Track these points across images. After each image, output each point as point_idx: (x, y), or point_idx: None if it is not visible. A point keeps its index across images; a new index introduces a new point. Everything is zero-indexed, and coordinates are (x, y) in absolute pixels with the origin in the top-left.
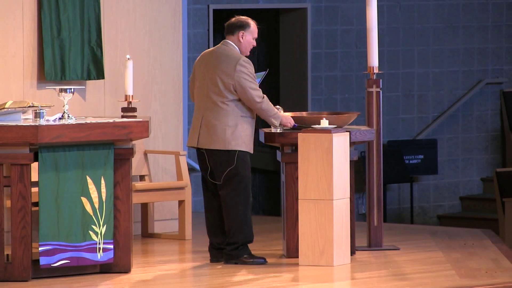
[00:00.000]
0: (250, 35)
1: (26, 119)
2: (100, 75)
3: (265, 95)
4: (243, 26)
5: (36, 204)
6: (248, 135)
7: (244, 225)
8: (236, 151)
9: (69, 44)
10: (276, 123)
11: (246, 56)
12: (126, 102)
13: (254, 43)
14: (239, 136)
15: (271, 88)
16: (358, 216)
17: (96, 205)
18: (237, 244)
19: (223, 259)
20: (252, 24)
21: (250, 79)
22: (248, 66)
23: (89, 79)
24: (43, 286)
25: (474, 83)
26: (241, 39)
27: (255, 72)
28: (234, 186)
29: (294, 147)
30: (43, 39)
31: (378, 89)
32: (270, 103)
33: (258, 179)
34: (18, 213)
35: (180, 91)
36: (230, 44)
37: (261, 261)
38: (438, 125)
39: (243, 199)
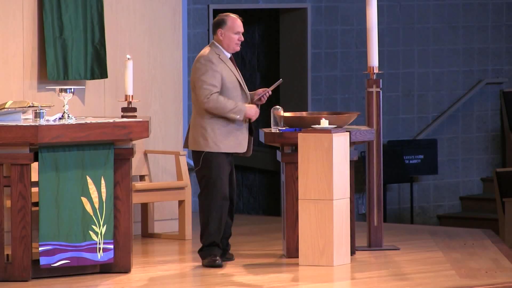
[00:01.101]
0: (229, 31)
1: (26, 119)
2: (103, 74)
3: (215, 93)
4: (220, 23)
5: (36, 204)
6: (222, 135)
7: (206, 227)
8: (202, 152)
9: (72, 44)
10: (239, 117)
11: (236, 52)
12: (126, 102)
13: (239, 38)
14: (209, 137)
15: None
16: (358, 216)
17: (96, 205)
18: (202, 246)
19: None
20: (230, 19)
21: (203, 77)
22: (205, 64)
23: (93, 78)
24: (43, 286)
25: (474, 83)
26: (220, 37)
27: (273, 83)
28: (201, 188)
29: (294, 147)
30: (45, 39)
31: (378, 89)
32: (223, 99)
33: (258, 179)
34: (18, 213)
35: (180, 91)
36: (214, 43)
37: (215, 264)
38: (438, 125)
39: (208, 202)
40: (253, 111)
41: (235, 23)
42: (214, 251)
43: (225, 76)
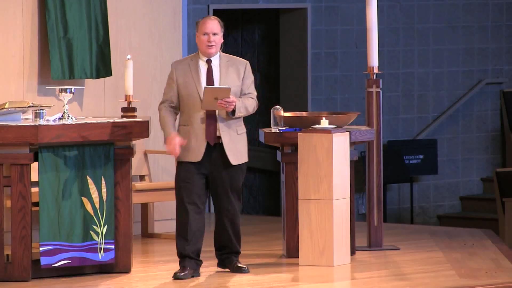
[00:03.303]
0: (199, 34)
1: (26, 119)
2: (108, 72)
3: (164, 104)
4: (196, 29)
5: (36, 204)
6: (186, 144)
7: (176, 239)
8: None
9: (77, 43)
10: (164, 139)
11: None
12: (126, 102)
13: (208, 39)
14: (183, 148)
15: (271, 88)
16: (358, 216)
17: (97, 205)
18: None
19: None
20: (200, 21)
21: (166, 84)
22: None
23: (98, 77)
24: (43, 286)
25: (474, 83)
26: (196, 41)
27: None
28: None
29: (294, 147)
30: (48, 39)
31: (378, 89)
32: (163, 117)
33: (258, 179)
34: (18, 213)
35: None
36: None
37: (174, 276)
38: (438, 125)
39: (176, 213)
40: (170, 145)
41: (204, 24)
42: (183, 263)
43: (181, 83)
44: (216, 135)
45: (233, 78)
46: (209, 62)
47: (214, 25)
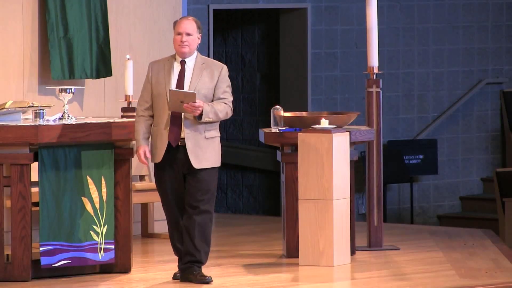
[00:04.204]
0: (174, 34)
1: (26, 119)
2: (108, 72)
3: (136, 115)
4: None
5: (36, 204)
6: (153, 145)
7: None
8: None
9: (77, 43)
10: (135, 145)
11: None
12: (126, 102)
13: (181, 39)
14: (152, 148)
15: (271, 88)
16: (358, 216)
17: (97, 205)
18: None
19: None
20: (177, 21)
21: (143, 86)
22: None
23: (98, 77)
24: (43, 286)
25: (474, 83)
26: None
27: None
28: None
29: (294, 147)
30: (48, 39)
31: (378, 89)
32: (137, 124)
33: (258, 179)
34: (18, 213)
35: None
36: None
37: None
38: (438, 125)
39: (166, 216)
40: (138, 153)
41: (179, 24)
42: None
43: (154, 83)
44: (179, 137)
45: (205, 81)
46: (183, 63)
47: (188, 25)
